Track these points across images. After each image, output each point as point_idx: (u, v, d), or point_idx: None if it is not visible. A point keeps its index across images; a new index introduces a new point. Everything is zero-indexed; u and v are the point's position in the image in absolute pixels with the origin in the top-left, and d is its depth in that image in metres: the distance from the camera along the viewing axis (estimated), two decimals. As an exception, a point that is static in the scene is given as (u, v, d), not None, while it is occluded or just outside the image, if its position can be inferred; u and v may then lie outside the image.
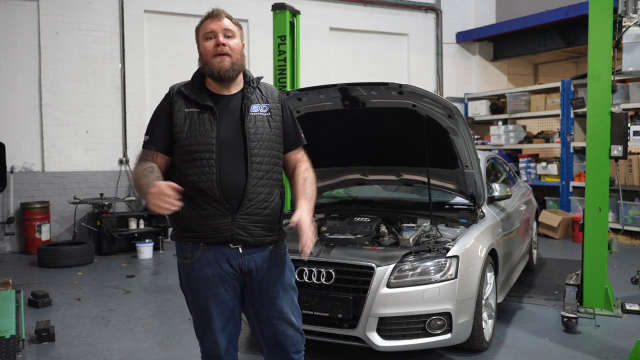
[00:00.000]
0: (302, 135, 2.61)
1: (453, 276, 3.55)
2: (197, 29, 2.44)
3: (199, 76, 2.46)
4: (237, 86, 2.46)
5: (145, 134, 2.43)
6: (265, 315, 2.46)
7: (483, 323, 3.88)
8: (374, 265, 3.53)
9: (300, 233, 2.28)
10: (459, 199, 4.66)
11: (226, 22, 2.37)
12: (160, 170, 2.35)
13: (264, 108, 2.44)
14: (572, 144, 9.01)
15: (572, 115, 9.01)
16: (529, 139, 10.05)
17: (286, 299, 2.48)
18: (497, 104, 10.85)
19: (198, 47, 2.43)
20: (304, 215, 2.31)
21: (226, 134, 2.36)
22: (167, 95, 2.45)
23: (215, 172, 2.30)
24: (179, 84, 2.47)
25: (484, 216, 4.33)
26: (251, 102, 2.42)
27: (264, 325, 2.49)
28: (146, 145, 2.41)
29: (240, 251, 2.37)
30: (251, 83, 2.47)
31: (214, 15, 2.38)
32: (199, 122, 2.35)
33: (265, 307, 2.45)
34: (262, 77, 2.55)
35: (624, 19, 4.66)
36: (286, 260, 2.52)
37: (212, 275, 2.36)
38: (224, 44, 2.34)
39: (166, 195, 2.05)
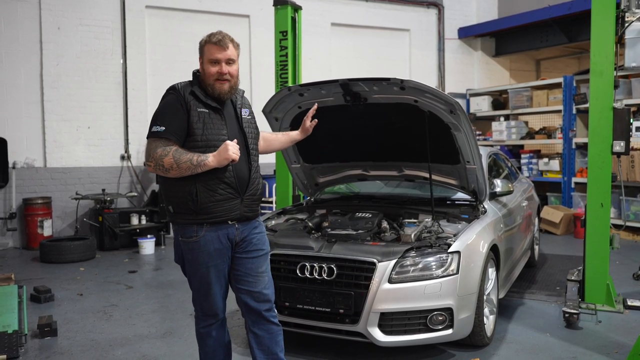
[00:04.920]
0: None
1: (454, 272, 3.55)
2: (202, 47, 2.83)
3: (200, 80, 2.85)
4: None
5: (157, 125, 2.72)
6: (243, 274, 2.93)
7: (484, 319, 3.88)
8: (375, 260, 3.53)
9: (306, 123, 3.39)
10: (460, 195, 4.66)
11: (230, 52, 2.80)
12: None
13: (247, 113, 3.01)
14: (574, 140, 9.00)
15: (574, 111, 9.00)
16: (531, 134, 10.04)
17: (264, 259, 3.00)
18: (499, 99, 10.83)
19: (201, 63, 2.84)
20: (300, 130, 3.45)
21: (232, 132, 2.88)
22: (178, 92, 2.79)
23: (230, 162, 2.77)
24: (183, 83, 2.84)
25: (485, 212, 4.33)
26: (241, 108, 2.98)
27: (240, 284, 2.93)
28: (164, 135, 2.70)
29: (236, 226, 2.87)
30: (238, 92, 2.99)
31: (220, 44, 2.78)
32: (210, 121, 2.79)
33: (243, 266, 2.92)
34: (244, 91, 3.09)
35: (626, 14, 4.64)
36: (264, 230, 3.07)
37: (214, 249, 2.83)
38: (226, 72, 2.80)
39: (235, 147, 2.71)
